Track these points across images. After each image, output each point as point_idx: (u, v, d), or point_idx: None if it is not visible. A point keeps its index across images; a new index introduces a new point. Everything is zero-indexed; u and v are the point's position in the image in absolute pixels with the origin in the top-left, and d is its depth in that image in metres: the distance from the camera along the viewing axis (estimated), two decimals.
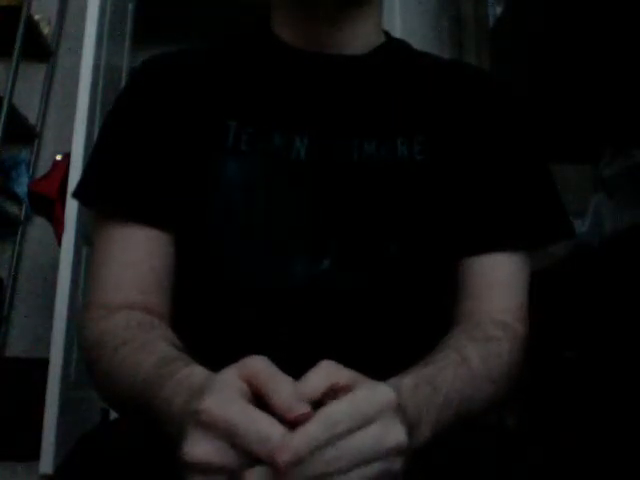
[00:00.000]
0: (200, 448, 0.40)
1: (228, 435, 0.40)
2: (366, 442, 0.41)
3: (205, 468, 0.40)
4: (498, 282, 0.66)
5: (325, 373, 0.44)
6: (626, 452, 1.06)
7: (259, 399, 0.42)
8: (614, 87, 1.56)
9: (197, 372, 0.49)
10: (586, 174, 1.76)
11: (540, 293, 0.76)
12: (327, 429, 0.40)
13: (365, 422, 0.41)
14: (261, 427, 0.40)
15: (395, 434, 0.42)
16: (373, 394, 0.43)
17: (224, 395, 0.41)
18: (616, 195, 1.36)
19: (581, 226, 1.39)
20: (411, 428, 0.45)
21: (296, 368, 0.56)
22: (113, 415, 0.60)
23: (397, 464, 0.43)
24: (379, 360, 0.59)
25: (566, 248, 1.26)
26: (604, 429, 1.14)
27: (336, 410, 0.41)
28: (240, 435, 0.39)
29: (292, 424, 0.40)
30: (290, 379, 0.43)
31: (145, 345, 0.56)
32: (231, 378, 0.42)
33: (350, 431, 0.41)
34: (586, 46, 1.51)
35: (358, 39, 0.71)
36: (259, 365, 0.43)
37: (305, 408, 0.41)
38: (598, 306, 1.21)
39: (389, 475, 0.42)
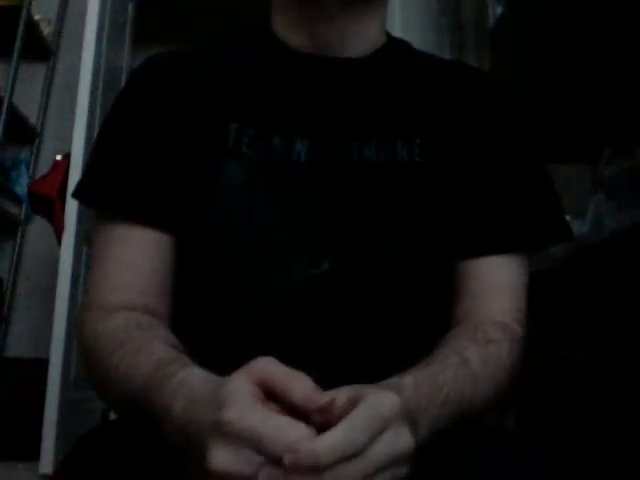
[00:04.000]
0: (225, 459, 0.40)
1: (255, 444, 0.40)
2: (384, 449, 0.41)
3: (232, 477, 0.40)
4: (497, 284, 0.66)
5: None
6: (626, 451, 1.06)
7: (274, 399, 0.42)
8: (614, 87, 1.56)
9: (195, 374, 0.48)
10: (586, 174, 1.76)
11: (541, 293, 0.76)
12: (351, 438, 0.40)
13: (382, 429, 0.42)
14: (287, 432, 0.40)
15: (405, 439, 0.43)
16: (383, 400, 0.43)
17: (244, 404, 0.41)
18: (616, 195, 1.36)
19: (581, 226, 1.39)
20: (412, 428, 0.45)
21: (295, 369, 0.56)
22: (113, 415, 0.60)
23: (404, 469, 0.43)
24: (378, 361, 0.59)
25: (566, 248, 1.26)
26: (604, 429, 1.14)
27: (357, 419, 0.41)
28: (267, 443, 0.39)
29: (317, 413, 0.41)
30: (302, 374, 0.43)
31: (143, 346, 0.55)
32: (245, 384, 0.42)
33: (371, 439, 0.41)
34: (586, 46, 1.51)
35: (360, 41, 0.70)
36: (269, 365, 0.43)
37: (327, 397, 0.41)
38: (598, 306, 1.21)
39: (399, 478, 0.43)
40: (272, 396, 0.43)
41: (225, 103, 0.68)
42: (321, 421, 0.42)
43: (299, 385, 0.42)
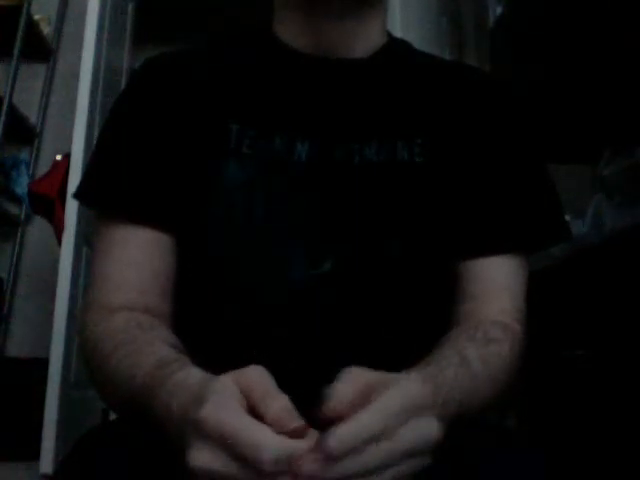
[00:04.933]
0: (202, 457, 0.40)
1: (226, 444, 0.40)
2: (414, 434, 0.42)
3: (208, 477, 0.40)
4: (497, 284, 0.67)
5: (352, 380, 0.44)
6: (626, 451, 1.06)
7: (255, 410, 0.42)
8: (614, 87, 1.57)
9: (194, 374, 0.48)
10: (586, 174, 1.76)
11: (541, 293, 0.76)
12: (382, 419, 0.40)
13: (416, 415, 0.42)
14: (256, 436, 0.39)
15: (434, 427, 0.43)
16: (418, 387, 0.44)
17: (220, 404, 0.41)
18: (616, 195, 1.37)
19: (581, 226, 1.39)
20: (440, 418, 0.45)
21: (296, 369, 0.56)
22: (113, 415, 0.60)
23: (428, 459, 0.43)
24: (378, 361, 0.59)
25: (566, 248, 1.26)
26: (604, 428, 1.14)
27: (389, 401, 0.41)
28: (237, 444, 0.39)
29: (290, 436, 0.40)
30: (283, 394, 0.42)
31: (143, 347, 0.55)
32: (227, 386, 0.42)
33: (401, 423, 0.41)
34: (586, 46, 1.51)
35: (361, 41, 0.70)
36: (254, 377, 0.43)
37: (297, 422, 0.41)
38: (598, 306, 1.21)
39: (418, 469, 0.43)
40: (254, 407, 0.42)
41: (226, 104, 0.68)
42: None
43: (274, 404, 0.41)
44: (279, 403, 0.42)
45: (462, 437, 0.53)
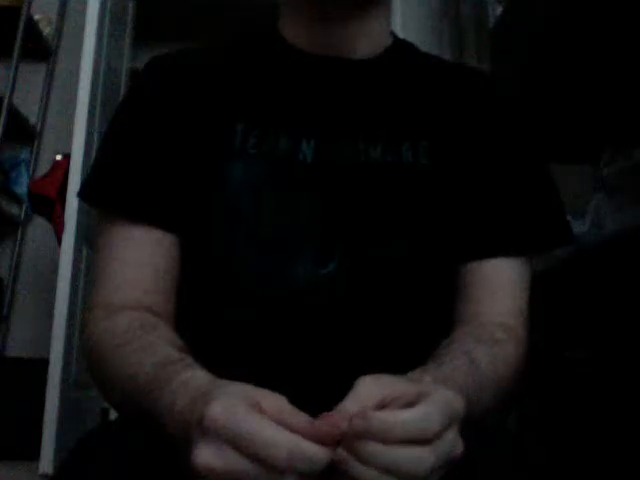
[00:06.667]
0: (206, 454, 0.39)
1: (233, 441, 0.39)
2: (456, 442, 0.42)
3: (215, 475, 0.39)
4: (500, 286, 0.67)
5: (370, 388, 0.44)
6: (627, 452, 1.06)
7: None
8: (614, 87, 1.57)
9: (198, 376, 0.48)
10: (586, 174, 1.76)
11: (541, 294, 0.76)
12: (428, 420, 0.40)
13: (450, 423, 0.42)
14: (269, 433, 0.39)
15: (460, 441, 0.43)
16: (456, 397, 0.43)
17: (229, 401, 0.40)
18: (616, 195, 1.36)
19: (581, 226, 1.39)
20: None
21: (299, 369, 0.56)
22: (113, 415, 0.60)
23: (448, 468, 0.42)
24: (381, 361, 0.59)
25: (566, 248, 1.26)
26: (605, 429, 1.14)
27: (434, 404, 0.41)
28: (245, 441, 0.39)
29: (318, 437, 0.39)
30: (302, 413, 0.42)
31: (146, 346, 0.55)
32: (237, 389, 0.42)
33: (444, 428, 0.41)
34: (586, 46, 1.51)
35: (366, 42, 0.70)
36: (269, 393, 0.42)
37: (326, 421, 0.40)
38: (598, 307, 1.21)
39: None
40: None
41: (231, 103, 0.68)
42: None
43: (296, 417, 0.41)
44: (301, 416, 0.41)
45: (463, 438, 0.53)
